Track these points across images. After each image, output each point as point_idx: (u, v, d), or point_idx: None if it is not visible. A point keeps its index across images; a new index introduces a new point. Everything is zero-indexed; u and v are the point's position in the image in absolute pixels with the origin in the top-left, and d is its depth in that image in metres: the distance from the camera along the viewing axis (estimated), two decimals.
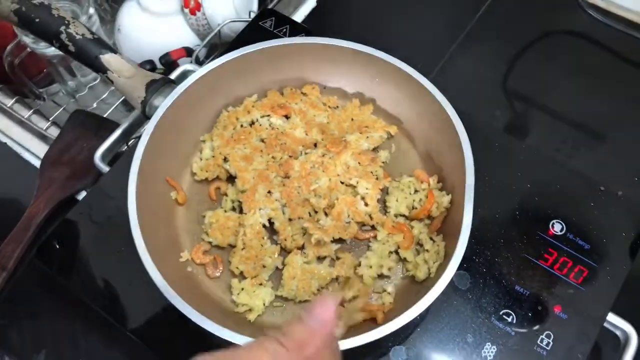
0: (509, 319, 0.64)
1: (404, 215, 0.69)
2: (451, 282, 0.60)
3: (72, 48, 0.70)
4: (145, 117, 0.71)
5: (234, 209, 0.70)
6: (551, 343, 0.63)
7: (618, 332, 0.66)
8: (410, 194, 0.70)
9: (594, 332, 0.64)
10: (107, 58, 0.70)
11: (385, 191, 0.70)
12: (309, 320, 0.38)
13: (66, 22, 0.69)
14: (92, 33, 0.71)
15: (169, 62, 0.93)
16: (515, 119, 0.90)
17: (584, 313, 0.65)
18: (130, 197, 0.62)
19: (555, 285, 0.66)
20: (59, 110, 1.00)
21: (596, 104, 0.91)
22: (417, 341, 0.63)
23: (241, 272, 0.65)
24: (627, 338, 0.65)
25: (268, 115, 0.74)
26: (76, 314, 0.68)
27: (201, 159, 0.73)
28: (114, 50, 0.71)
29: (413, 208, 0.69)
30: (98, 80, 1.06)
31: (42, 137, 0.90)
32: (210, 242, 0.67)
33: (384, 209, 0.70)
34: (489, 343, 0.63)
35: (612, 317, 0.65)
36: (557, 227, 0.70)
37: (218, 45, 0.98)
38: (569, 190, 0.73)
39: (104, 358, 0.67)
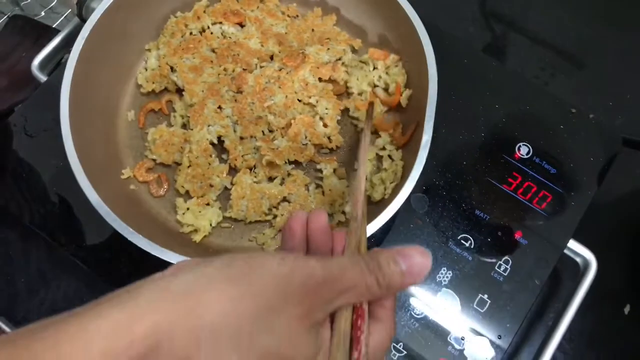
0: (467, 244, 0.62)
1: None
2: (409, 205, 0.57)
3: None
4: (82, 20, 0.64)
5: (184, 125, 0.65)
6: (509, 269, 0.61)
7: (578, 259, 0.64)
8: (369, 70, 0.67)
9: (553, 258, 0.62)
10: None
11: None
12: (406, 269, 0.35)
13: None
14: None
15: None
16: (492, 40, 0.85)
17: (545, 239, 0.62)
18: (63, 108, 0.57)
19: (518, 210, 0.64)
20: (3, 18, 0.92)
21: (579, 28, 0.85)
22: None
23: (187, 192, 0.61)
24: (586, 265, 0.63)
25: (220, 23, 0.68)
26: (16, 233, 0.64)
27: (146, 69, 0.67)
28: None
29: (375, 86, 0.67)
30: None
31: None
32: (154, 160, 0.63)
33: (347, 93, 0.67)
34: (445, 268, 0.61)
35: (572, 244, 0.63)
36: (523, 150, 0.67)
37: None
38: (539, 113, 0.69)
39: (54, 280, 0.64)
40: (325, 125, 0.64)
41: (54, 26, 0.88)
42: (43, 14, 0.97)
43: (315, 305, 0.33)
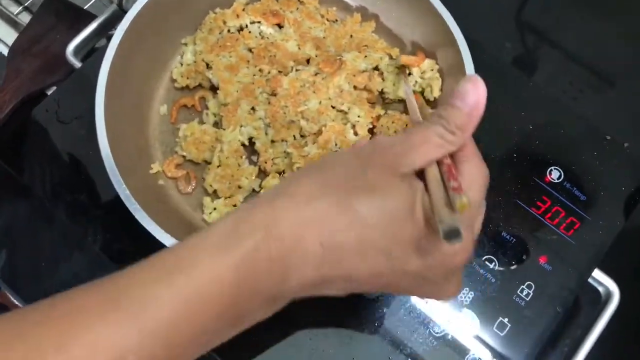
0: (491, 265, 0.62)
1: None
2: None
3: None
4: (122, 10, 0.64)
5: (216, 123, 0.65)
6: (531, 294, 0.61)
7: (600, 288, 0.64)
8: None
9: (577, 287, 0.61)
10: None
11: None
12: (463, 103, 0.37)
13: None
14: None
15: None
16: (525, 53, 0.84)
17: (570, 267, 0.62)
18: (99, 100, 0.57)
19: (544, 235, 0.63)
20: None
21: (613, 47, 0.84)
22: None
23: (215, 191, 0.61)
24: (609, 295, 0.63)
25: (259, 22, 0.67)
26: (38, 216, 0.64)
27: (182, 64, 0.66)
28: None
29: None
30: None
31: (13, 22, 0.82)
32: (183, 156, 0.63)
33: (382, 98, 0.67)
34: (467, 288, 0.61)
35: (596, 273, 0.63)
36: (554, 174, 0.66)
37: None
38: (573, 137, 0.69)
39: (70, 263, 0.64)
40: (356, 134, 0.63)
41: (87, 6, 0.88)
42: None
43: (396, 161, 0.36)
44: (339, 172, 0.36)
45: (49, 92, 0.74)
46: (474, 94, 0.37)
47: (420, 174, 0.38)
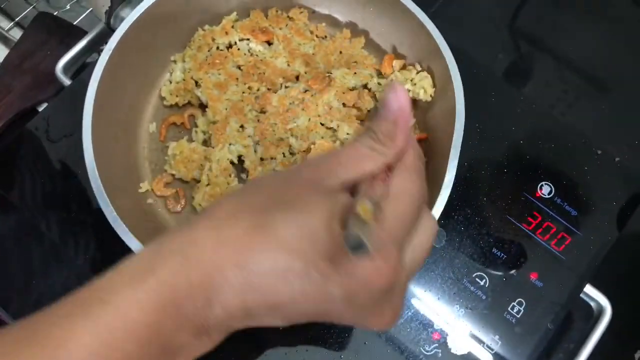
0: (482, 282, 0.61)
1: None
2: None
3: None
4: (110, 29, 0.64)
5: (205, 141, 0.64)
6: (522, 311, 0.61)
7: (592, 304, 0.63)
8: None
9: (568, 303, 0.61)
10: None
11: None
12: (387, 111, 0.37)
13: None
14: None
15: None
16: (518, 62, 0.83)
17: (561, 283, 0.62)
18: (86, 121, 0.56)
19: (535, 251, 0.63)
20: (28, 9, 0.92)
21: (608, 56, 0.83)
22: None
23: (204, 210, 0.61)
24: (601, 311, 0.62)
25: (248, 39, 0.67)
26: (27, 233, 0.64)
27: (171, 82, 0.66)
28: None
29: None
30: None
31: (3, 38, 0.83)
32: (173, 175, 0.63)
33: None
34: (457, 305, 0.60)
35: (588, 288, 0.63)
36: (545, 190, 0.66)
37: None
38: (564, 151, 0.68)
39: (59, 280, 0.64)
40: None
41: (78, 21, 0.88)
42: (68, 7, 0.96)
43: (321, 176, 0.35)
44: (263, 191, 0.35)
45: (40, 109, 0.74)
46: (396, 100, 0.37)
47: None
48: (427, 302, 0.60)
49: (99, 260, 0.62)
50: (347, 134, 0.62)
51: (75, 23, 0.85)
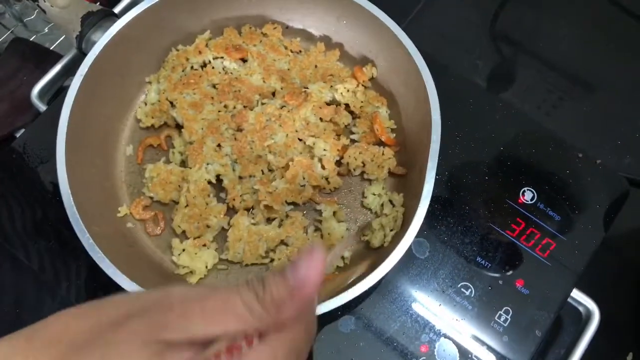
0: (467, 292, 0.61)
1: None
2: (409, 249, 0.56)
3: None
4: (82, 54, 0.63)
5: (183, 162, 0.64)
6: (509, 319, 0.60)
7: (580, 308, 0.63)
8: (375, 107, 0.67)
9: (555, 309, 0.61)
10: None
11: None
12: (292, 277, 0.30)
13: None
14: None
15: None
16: (498, 67, 0.83)
17: (547, 289, 0.61)
18: (59, 146, 0.56)
19: (520, 258, 0.63)
20: (6, 34, 0.92)
21: (588, 56, 0.83)
22: (368, 311, 0.60)
23: (183, 232, 0.60)
24: (589, 315, 0.62)
25: (222, 58, 0.67)
26: (6, 263, 0.63)
27: (146, 104, 0.66)
28: None
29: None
30: None
31: None
32: (151, 197, 0.62)
33: (351, 132, 0.67)
34: (444, 317, 0.60)
35: (575, 293, 0.62)
36: (527, 195, 0.65)
37: None
38: (545, 157, 0.68)
39: (42, 310, 0.63)
40: (323, 167, 0.62)
41: (56, 44, 0.88)
42: (46, 30, 0.96)
43: (161, 326, 0.28)
44: (102, 314, 0.29)
45: (18, 135, 0.73)
46: (305, 267, 0.30)
47: None
48: (413, 316, 0.60)
49: (82, 287, 0.61)
50: (324, 150, 0.62)
51: (53, 47, 0.85)
